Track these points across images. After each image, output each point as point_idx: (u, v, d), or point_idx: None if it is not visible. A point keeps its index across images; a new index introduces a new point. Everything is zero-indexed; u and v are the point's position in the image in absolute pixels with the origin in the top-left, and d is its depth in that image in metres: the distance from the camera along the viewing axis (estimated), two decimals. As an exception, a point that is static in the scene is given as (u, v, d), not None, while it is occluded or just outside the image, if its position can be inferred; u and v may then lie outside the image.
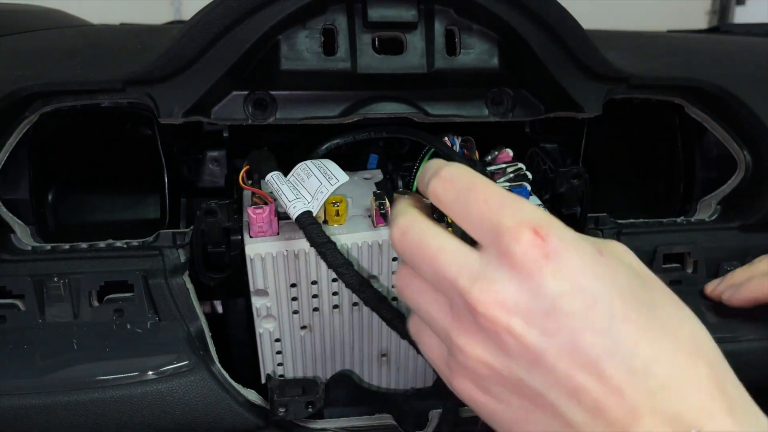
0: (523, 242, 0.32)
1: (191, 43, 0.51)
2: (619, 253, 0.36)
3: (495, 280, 0.33)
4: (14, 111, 0.52)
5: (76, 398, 0.48)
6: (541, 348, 0.32)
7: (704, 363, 0.32)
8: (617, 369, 0.31)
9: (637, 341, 0.31)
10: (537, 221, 0.33)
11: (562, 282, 0.32)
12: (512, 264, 0.32)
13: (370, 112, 0.56)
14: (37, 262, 0.51)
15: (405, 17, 0.53)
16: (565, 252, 0.32)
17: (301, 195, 0.48)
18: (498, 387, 0.34)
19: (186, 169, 0.63)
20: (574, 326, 0.31)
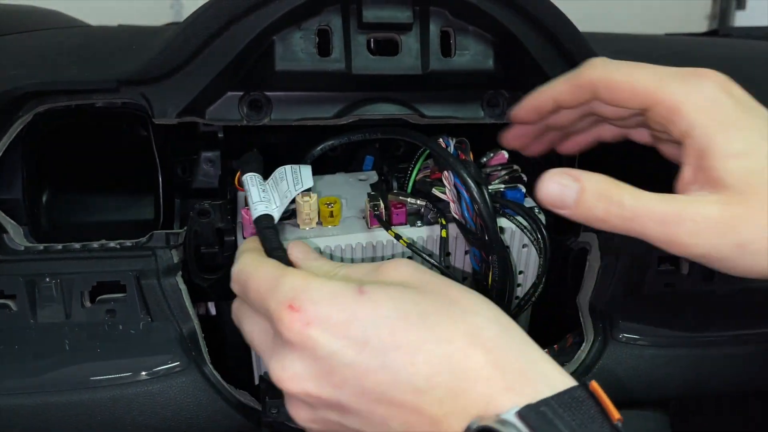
0: (285, 321, 0.36)
1: (185, 44, 0.51)
2: (390, 274, 0.39)
3: (283, 359, 0.37)
4: (8, 111, 0.52)
5: (68, 399, 0.48)
6: (339, 400, 0.36)
7: (480, 352, 0.35)
8: (405, 393, 0.34)
9: (413, 362, 0.34)
10: (291, 296, 0.36)
11: (329, 341, 0.35)
12: (288, 342, 0.36)
13: (365, 113, 0.56)
14: (30, 262, 0.51)
15: (400, 18, 0.53)
16: (321, 313, 0.36)
17: (270, 198, 0.48)
18: (323, 424, 0.38)
19: (180, 169, 0.63)
20: (355, 373, 0.35)
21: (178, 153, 0.62)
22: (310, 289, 0.37)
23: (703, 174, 0.39)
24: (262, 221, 0.46)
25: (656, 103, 0.41)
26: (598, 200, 0.40)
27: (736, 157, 0.38)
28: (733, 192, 0.38)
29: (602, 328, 0.56)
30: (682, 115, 0.40)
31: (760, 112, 0.40)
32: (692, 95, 0.40)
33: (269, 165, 0.68)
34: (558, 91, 0.47)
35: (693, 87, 0.40)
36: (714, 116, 0.39)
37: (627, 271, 0.57)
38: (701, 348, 0.55)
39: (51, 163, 0.60)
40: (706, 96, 0.39)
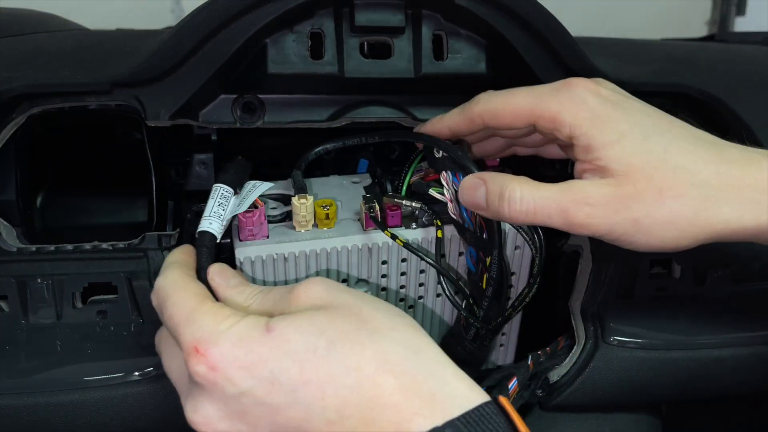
0: (193, 363, 0.37)
1: (178, 46, 0.51)
2: (302, 298, 0.40)
3: (194, 400, 0.38)
4: (1, 112, 0.52)
5: (59, 399, 0.48)
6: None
7: (389, 378, 0.35)
8: (319, 427, 0.35)
9: (323, 396, 0.35)
10: (198, 338, 0.37)
11: (237, 383, 0.36)
12: (198, 383, 0.37)
13: (358, 116, 0.56)
14: (22, 263, 0.51)
15: (392, 22, 0.53)
16: (228, 353, 0.36)
17: (223, 214, 0.49)
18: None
19: (174, 171, 0.63)
20: (268, 411, 0.36)
21: (172, 155, 0.63)
22: (216, 332, 0.37)
23: (592, 165, 0.43)
24: (200, 239, 0.47)
25: (538, 118, 0.45)
26: (500, 199, 0.44)
27: (612, 144, 0.42)
28: (619, 175, 0.42)
29: (593, 331, 0.56)
30: (562, 122, 0.44)
31: (627, 104, 0.44)
32: (565, 103, 0.44)
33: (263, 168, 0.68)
34: (452, 122, 0.51)
35: (565, 96, 0.44)
36: (586, 116, 0.43)
37: (618, 274, 0.57)
38: (692, 351, 0.55)
39: (45, 164, 0.60)
40: (577, 101, 0.44)
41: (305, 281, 0.41)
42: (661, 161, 0.41)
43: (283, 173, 0.69)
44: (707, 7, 3.13)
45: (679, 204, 0.41)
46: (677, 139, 0.43)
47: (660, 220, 0.41)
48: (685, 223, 0.41)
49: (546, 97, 0.45)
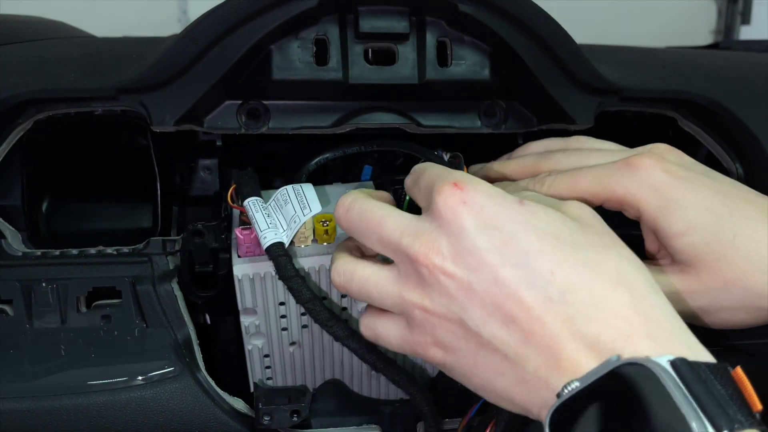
0: (445, 194, 0.37)
1: (183, 52, 0.51)
2: (569, 209, 0.39)
3: (429, 232, 0.37)
4: (7, 118, 0.52)
5: (63, 403, 0.48)
6: (470, 283, 0.36)
7: (625, 291, 0.34)
8: (535, 298, 0.34)
9: (553, 271, 0.35)
10: (459, 177, 0.38)
11: (478, 223, 0.36)
12: (439, 215, 0.37)
13: (362, 122, 0.56)
14: (27, 267, 0.51)
15: (397, 28, 0.54)
16: (481, 199, 0.37)
17: (276, 222, 0.49)
18: (449, 335, 0.38)
19: (178, 177, 0.63)
20: (493, 261, 0.35)
21: (176, 161, 0.63)
22: (476, 181, 0.38)
23: (661, 248, 0.44)
24: (274, 250, 0.47)
25: (605, 201, 0.45)
26: None
27: (680, 236, 0.42)
28: (686, 266, 0.42)
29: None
30: (629, 205, 0.44)
31: (695, 182, 0.44)
32: (630, 188, 0.44)
33: (268, 173, 0.69)
34: None
35: (629, 180, 0.44)
36: (654, 202, 0.43)
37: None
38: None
39: (50, 170, 0.61)
40: (643, 185, 0.43)
41: (571, 202, 0.40)
42: (731, 249, 0.41)
43: (288, 179, 0.69)
44: (712, 16, 3.14)
45: (746, 291, 0.41)
46: (747, 220, 0.42)
47: (727, 306, 0.41)
48: (754, 305, 0.41)
49: (611, 180, 0.44)
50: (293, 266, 0.47)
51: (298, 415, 0.52)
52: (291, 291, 0.47)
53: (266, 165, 0.68)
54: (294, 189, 0.51)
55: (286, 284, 0.47)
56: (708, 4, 3.13)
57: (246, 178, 0.53)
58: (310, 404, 0.54)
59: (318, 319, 0.47)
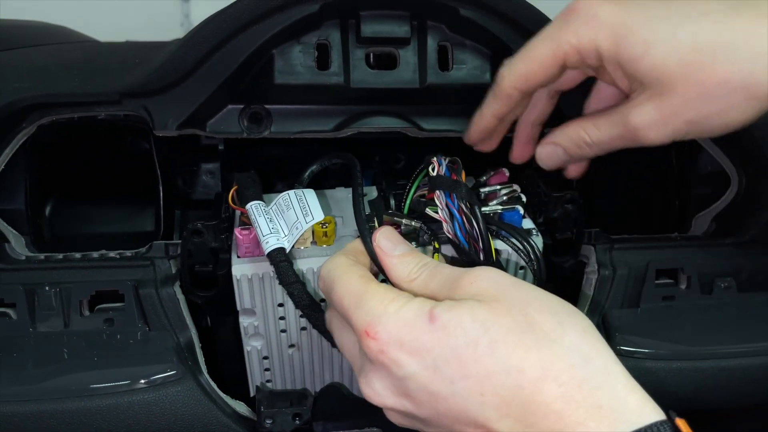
0: (365, 344, 0.38)
1: (186, 56, 0.51)
2: (466, 289, 0.39)
3: (367, 375, 0.40)
4: (11, 122, 0.52)
5: (66, 406, 0.49)
6: (421, 416, 0.38)
7: (552, 386, 0.34)
8: (477, 419, 0.36)
9: (482, 392, 0.35)
10: (368, 321, 0.38)
11: (403, 366, 0.37)
12: (371, 359, 0.39)
13: (363, 126, 0.57)
14: (30, 271, 0.52)
15: (398, 33, 0.54)
16: (394, 340, 0.37)
17: (277, 227, 0.49)
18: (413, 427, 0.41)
19: (181, 181, 0.64)
20: (429, 397, 0.37)
21: (179, 165, 0.63)
22: (384, 315, 0.38)
23: (630, 83, 0.42)
24: (275, 256, 0.47)
25: (564, 57, 0.43)
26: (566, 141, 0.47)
27: (639, 59, 0.40)
28: (656, 86, 0.40)
29: (599, 341, 0.55)
30: (588, 52, 0.42)
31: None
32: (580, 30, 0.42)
33: (270, 177, 0.69)
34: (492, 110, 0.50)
35: (577, 25, 0.42)
36: (607, 35, 0.41)
37: (624, 283, 0.57)
38: (699, 361, 0.55)
39: (53, 174, 0.61)
40: (590, 22, 0.42)
41: (475, 270, 0.40)
42: (695, 52, 0.39)
43: (290, 183, 0.69)
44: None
45: (726, 88, 0.39)
46: (704, 14, 0.39)
47: (715, 111, 0.40)
48: (741, 97, 0.39)
49: (561, 33, 0.43)
50: (294, 272, 0.47)
51: (300, 418, 0.53)
52: (291, 297, 0.47)
53: (268, 169, 0.68)
54: (296, 194, 0.51)
55: (287, 290, 0.47)
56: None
57: (248, 180, 0.53)
58: (311, 407, 0.54)
59: (317, 325, 0.47)
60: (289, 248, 0.48)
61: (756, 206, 0.59)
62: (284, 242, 0.48)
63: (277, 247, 0.47)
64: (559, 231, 0.60)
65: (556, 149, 0.48)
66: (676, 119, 0.41)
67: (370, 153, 0.67)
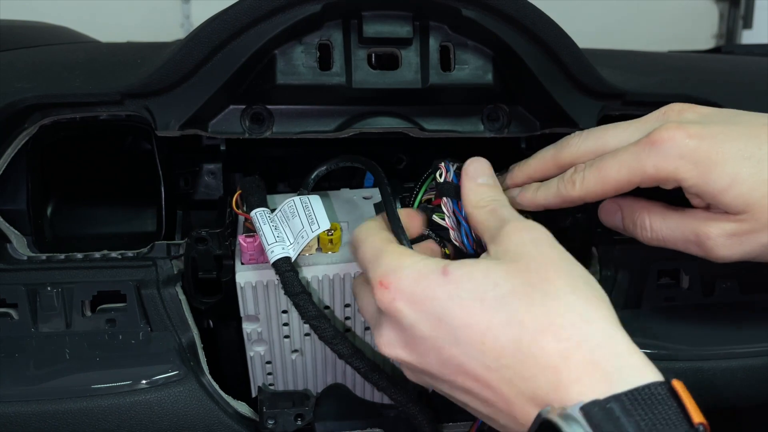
0: (377, 294, 0.40)
1: (188, 57, 0.51)
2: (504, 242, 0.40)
3: (380, 326, 0.42)
4: (13, 122, 0.52)
5: (68, 407, 0.49)
6: (425, 367, 0.40)
7: (551, 338, 0.35)
8: (477, 368, 0.37)
9: (482, 341, 0.37)
10: (383, 273, 0.41)
11: (410, 315, 0.39)
12: (382, 312, 0.41)
13: (365, 126, 0.57)
14: (32, 271, 0.52)
15: (400, 33, 0.54)
16: (406, 287, 0.39)
17: (282, 235, 0.49)
18: (423, 383, 0.43)
19: (183, 181, 0.64)
20: (433, 346, 0.39)
21: (181, 165, 0.63)
22: (399, 268, 0.40)
23: (710, 208, 0.44)
24: (281, 265, 0.47)
25: (639, 182, 0.45)
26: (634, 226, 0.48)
27: (725, 192, 0.42)
28: (739, 214, 0.42)
29: (601, 341, 0.55)
30: (665, 180, 0.43)
31: (726, 134, 0.43)
32: (661, 164, 0.43)
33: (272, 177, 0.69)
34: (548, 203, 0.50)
35: (658, 156, 0.43)
36: (689, 169, 0.42)
37: (626, 283, 0.57)
38: (701, 362, 0.55)
39: (55, 174, 0.61)
40: (672, 156, 0.43)
41: (519, 224, 0.41)
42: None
43: (292, 184, 0.69)
44: (714, 21, 3.14)
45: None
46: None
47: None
48: None
49: (638, 163, 0.44)
50: (300, 282, 0.47)
51: (302, 419, 0.53)
52: (297, 307, 0.47)
53: (270, 169, 0.68)
54: (302, 201, 0.51)
55: (292, 300, 0.47)
56: (710, 9, 3.13)
57: (252, 186, 0.52)
58: (313, 408, 0.54)
59: (323, 336, 0.47)
60: (294, 257, 0.48)
61: (758, 207, 0.59)
62: (289, 251, 0.48)
63: (283, 257, 0.47)
64: (568, 240, 0.59)
65: (616, 213, 0.49)
66: (753, 241, 0.42)
67: (371, 153, 0.66)
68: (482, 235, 0.43)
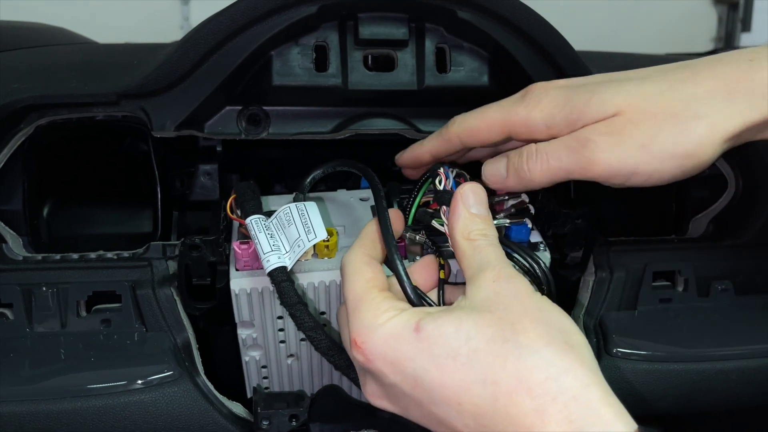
0: (354, 354, 0.41)
1: (184, 58, 0.52)
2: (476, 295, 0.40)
3: (363, 377, 0.43)
4: (9, 123, 0.53)
5: (63, 407, 0.48)
6: (411, 418, 0.41)
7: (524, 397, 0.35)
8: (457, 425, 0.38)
9: (459, 402, 0.37)
10: (356, 332, 0.41)
11: (387, 375, 0.40)
12: (360, 365, 0.42)
13: (361, 128, 0.57)
14: (27, 271, 0.52)
15: (396, 35, 0.54)
16: (379, 353, 0.40)
17: (278, 243, 0.48)
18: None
19: (179, 182, 0.64)
20: (414, 403, 0.40)
21: (177, 166, 0.63)
22: (372, 329, 0.40)
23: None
24: (277, 275, 0.46)
25: (512, 126, 0.47)
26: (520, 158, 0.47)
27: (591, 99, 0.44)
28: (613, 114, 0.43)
29: (596, 342, 0.55)
30: (534, 122, 0.45)
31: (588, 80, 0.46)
32: (530, 105, 0.46)
33: (268, 178, 0.69)
34: (431, 146, 0.52)
35: (529, 99, 0.46)
36: (555, 105, 0.45)
37: (621, 285, 0.57)
38: (696, 363, 0.55)
39: (52, 175, 0.61)
40: (541, 97, 0.46)
41: (500, 272, 0.41)
42: (647, 96, 0.42)
43: (288, 185, 0.69)
44: (713, 24, 3.14)
45: (679, 123, 0.41)
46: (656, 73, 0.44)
47: (671, 140, 0.41)
48: (696, 136, 0.41)
49: (514, 105, 0.47)
50: (296, 292, 0.46)
51: (296, 420, 0.53)
52: (293, 317, 0.46)
53: (266, 170, 0.69)
54: (298, 208, 0.49)
55: (288, 311, 0.46)
56: (708, 11, 3.14)
57: (247, 191, 0.51)
58: (308, 409, 0.54)
59: (319, 347, 0.46)
60: (290, 266, 0.47)
61: (753, 209, 0.59)
62: (285, 260, 0.47)
63: (279, 267, 0.46)
64: (567, 246, 0.60)
65: (502, 160, 0.48)
66: (629, 140, 0.42)
67: (368, 155, 0.67)
68: (463, 269, 0.43)
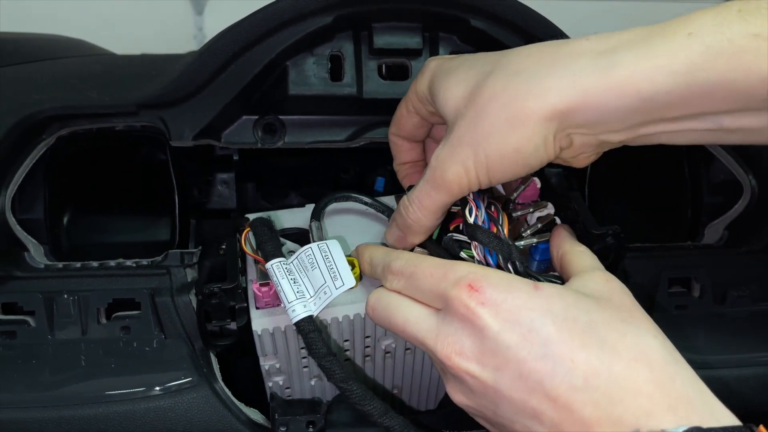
0: (464, 298, 0.38)
1: (202, 68, 0.52)
2: (587, 285, 0.40)
3: (450, 334, 0.39)
4: (31, 133, 0.54)
5: (83, 413, 0.49)
6: (496, 383, 0.37)
7: (644, 367, 0.35)
8: (560, 387, 0.35)
9: (573, 359, 0.35)
10: (471, 278, 0.39)
11: (498, 321, 0.37)
12: (460, 317, 0.38)
13: (376, 136, 0.57)
14: (49, 279, 0.52)
15: (410, 44, 0.55)
16: (498, 296, 0.38)
17: (302, 288, 0.46)
18: (483, 413, 0.40)
19: (196, 191, 0.65)
20: (517, 357, 0.36)
21: (194, 175, 0.64)
22: (489, 275, 0.39)
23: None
24: (304, 326, 0.45)
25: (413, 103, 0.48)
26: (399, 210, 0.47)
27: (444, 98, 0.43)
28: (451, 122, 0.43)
29: (612, 349, 0.55)
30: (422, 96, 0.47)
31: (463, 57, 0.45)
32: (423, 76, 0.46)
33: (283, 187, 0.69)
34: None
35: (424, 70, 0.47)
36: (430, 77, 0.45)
37: (636, 292, 0.56)
38: (713, 370, 0.55)
39: (72, 184, 0.62)
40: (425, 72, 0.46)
41: (607, 273, 0.41)
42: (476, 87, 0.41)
43: (303, 193, 0.70)
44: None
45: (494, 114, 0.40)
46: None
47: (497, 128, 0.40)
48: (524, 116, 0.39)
49: (411, 89, 0.48)
50: (325, 343, 0.45)
51: (313, 426, 0.53)
52: (322, 368, 0.45)
53: (281, 178, 0.69)
54: (321, 250, 0.47)
55: (318, 362, 0.44)
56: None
57: (264, 230, 0.50)
58: (325, 415, 0.54)
59: (351, 398, 0.44)
60: (316, 314, 0.46)
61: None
62: (311, 306, 0.45)
63: (305, 317, 0.45)
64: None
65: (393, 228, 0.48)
66: (464, 148, 0.41)
67: (381, 163, 0.67)
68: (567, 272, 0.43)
